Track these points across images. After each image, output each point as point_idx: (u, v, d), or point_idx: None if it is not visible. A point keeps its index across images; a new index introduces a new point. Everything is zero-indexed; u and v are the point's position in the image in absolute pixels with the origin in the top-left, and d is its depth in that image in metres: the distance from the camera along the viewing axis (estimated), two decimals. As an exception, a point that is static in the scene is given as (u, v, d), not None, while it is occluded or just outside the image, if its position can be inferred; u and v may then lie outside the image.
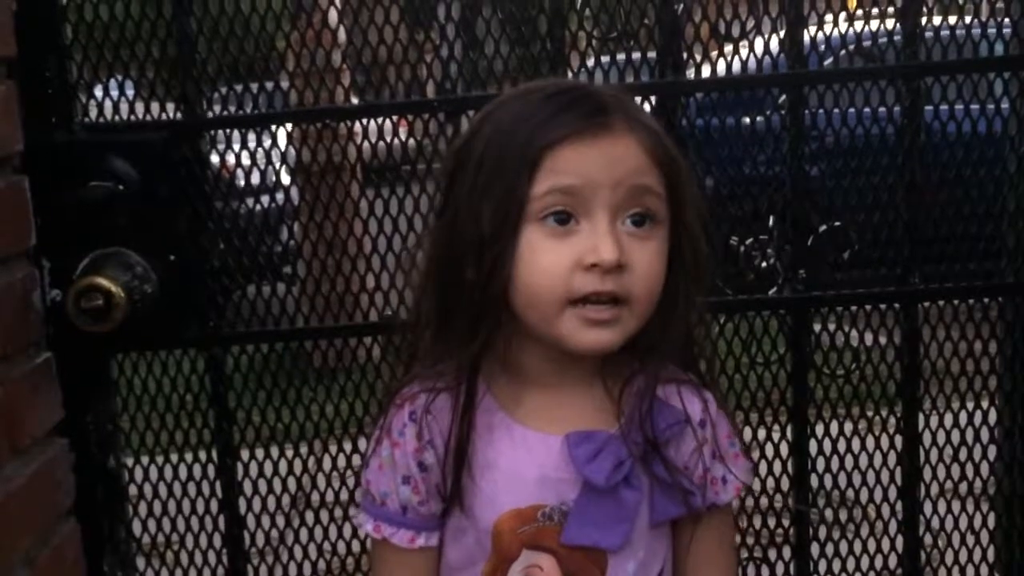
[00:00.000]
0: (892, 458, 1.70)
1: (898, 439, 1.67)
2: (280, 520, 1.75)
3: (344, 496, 1.74)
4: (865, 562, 1.75)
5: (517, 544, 1.09)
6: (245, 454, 1.69)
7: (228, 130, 1.56)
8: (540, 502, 1.08)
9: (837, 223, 1.61)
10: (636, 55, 1.55)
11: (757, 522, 1.73)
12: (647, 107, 1.53)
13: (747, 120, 1.59)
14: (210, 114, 1.55)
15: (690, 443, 1.12)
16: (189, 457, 1.71)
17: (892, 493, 1.71)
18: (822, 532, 1.75)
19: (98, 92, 1.50)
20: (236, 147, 1.59)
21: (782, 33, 1.54)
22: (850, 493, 1.77)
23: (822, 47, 1.55)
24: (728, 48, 1.55)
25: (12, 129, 1.30)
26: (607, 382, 1.10)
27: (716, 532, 1.16)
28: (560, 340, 1.05)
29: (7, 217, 1.27)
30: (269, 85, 1.58)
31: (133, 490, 1.69)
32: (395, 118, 1.60)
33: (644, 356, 1.09)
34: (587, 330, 1.03)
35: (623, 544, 1.08)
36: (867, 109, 1.57)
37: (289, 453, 1.75)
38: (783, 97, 1.56)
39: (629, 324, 1.05)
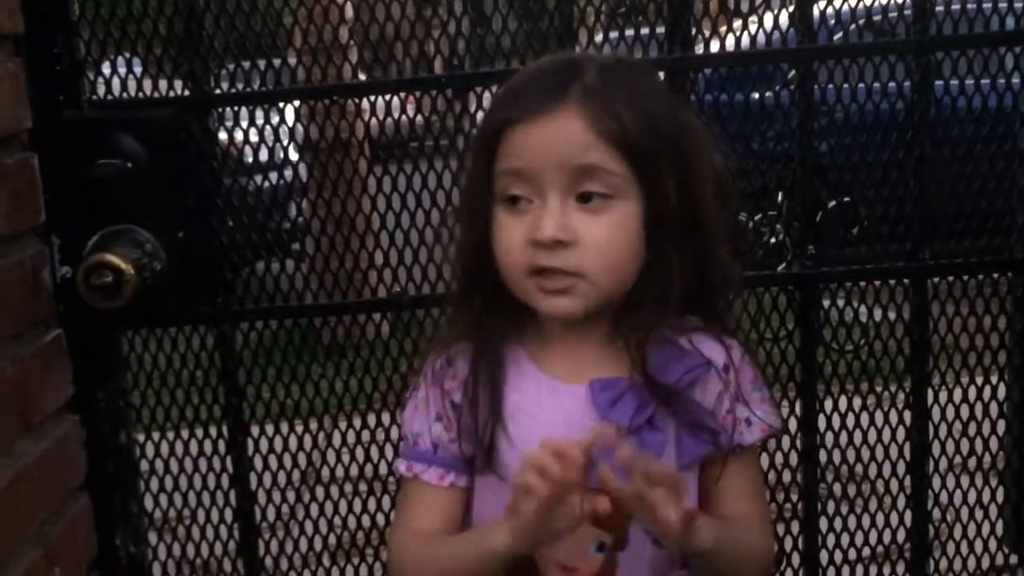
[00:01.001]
0: (901, 433, 1.70)
1: (907, 414, 1.67)
2: (290, 495, 1.76)
3: (354, 471, 1.75)
4: (873, 537, 1.75)
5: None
6: (255, 430, 1.70)
7: (236, 107, 1.56)
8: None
9: (846, 199, 1.61)
10: (645, 30, 1.55)
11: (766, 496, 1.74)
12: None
13: (756, 95, 1.58)
14: (218, 91, 1.55)
15: (715, 386, 1.16)
16: (200, 433, 1.72)
17: (901, 468, 1.71)
18: (831, 507, 1.76)
19: (106, 69, 1.50)
20: (244, 124, 1.59)
21: (791, 8, 1.53)
22: (859, 468, 1.77)
23: (832, 22, 1.54)
24: (737, 23, 1.54)
25: (20, 106, 1.30)
26: (625, 335, 1.14)
27: (744, 472, 1.18)
28: (533, 306, 1.13)
29: (16, 194, 1.28)
30: (277, 61, 1.58)
31: (144, 466, 1.71)
32: (403, 95, 1.59)
33: (647, 311, 1.12)
34: (546, 298, 1.11)
35: (695, 458, 1.14)
36: (877, 84, 1.56)
37: (299, 429, 1.76)
38: (792, 72, 1.55)
39: (589, 294, 1.10)
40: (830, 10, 1.54)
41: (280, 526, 1.77)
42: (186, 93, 1.50)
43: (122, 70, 1.51)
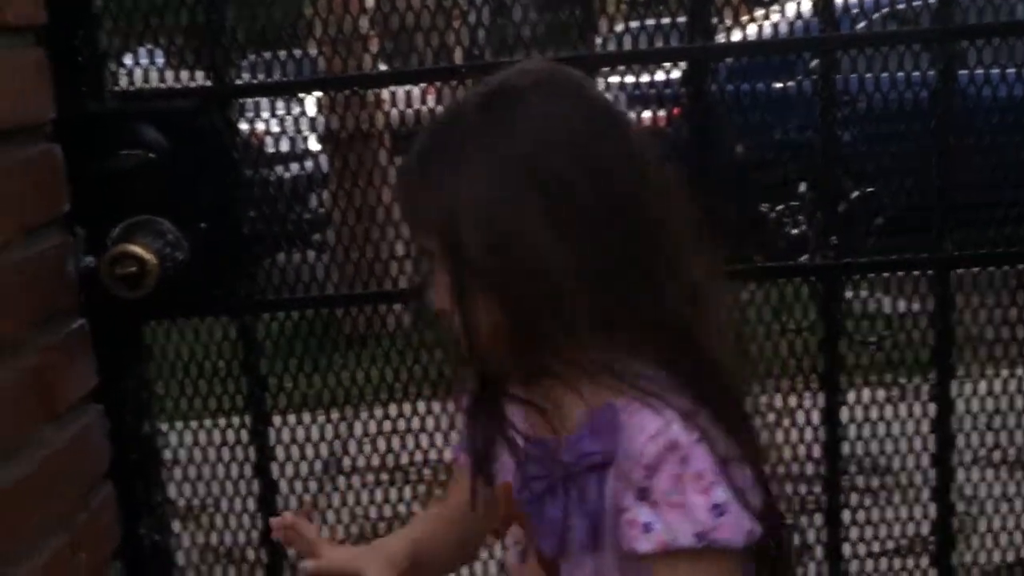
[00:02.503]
0: (925, 425, 1.69)
1: (931, 406, 1.66)
2: (312, 485, 1.77)
3: (375, 461, 1.76)
4: (897, 529, 1.75)
5: (507, 512, 1.11)
6: (277, 419, 1.71)
7: (257, 98, 1.56)
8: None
9: (869, 189, 1.60)
10: (666, 20, 1.54)
11: (788, 488, 1.73)
12: (676, 73, 1.51)
13: (778, 85, 1.57)
14: (239, 82, 1.56)
15: (627, 472, 0.97)
16: (222, 422, 1.73)
17: (924, 460, 1.70)
18: (854, 499, 1.75)
19: (128, 60, 1.50)
20: (265, 115, 1.59)
21: (814, -4, 1.52)
22: (882, 460, 1.76)
23: (855, 10, 1.53)
24: (759, 12, 1.53)
25: (44, 98, 1.31)
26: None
27: None
28: None
29: (40, 185, 1.29)
30: (298, 52, 1.58)
31: (168, 455, 1.72)
32: (423, 85, 1.59)
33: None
34: None
35: (555, 555, 1.04)
36: (900, 73, 1.55)
37: (320, 418, 1.77)
38: (815, 62, 1.54)
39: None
40: (853, -1, 1.53)
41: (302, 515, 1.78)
42: (208, 84, 1.50)
43: (144, 61, 1.52)
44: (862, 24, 1.56)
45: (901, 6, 1.56)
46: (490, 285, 0.96)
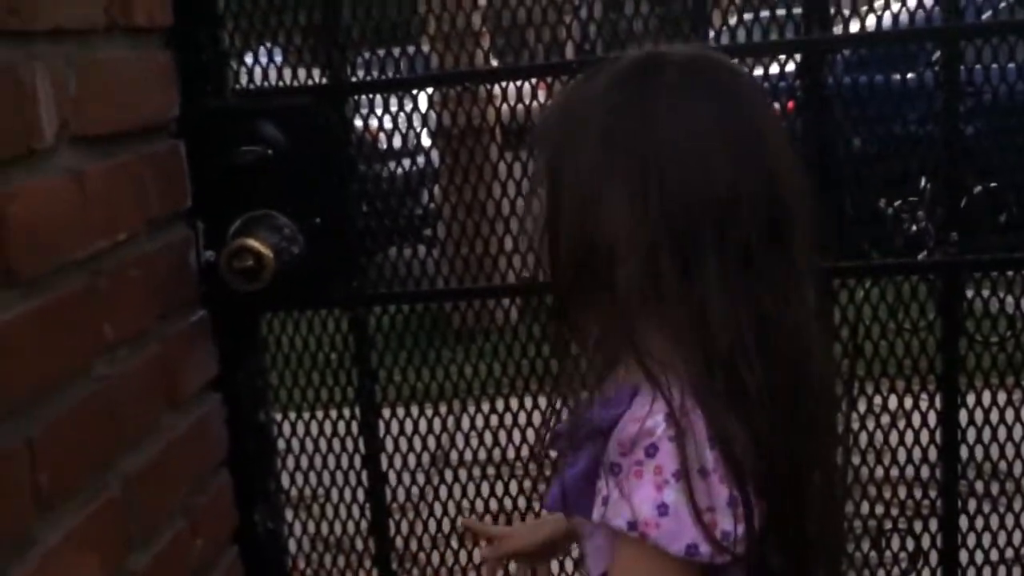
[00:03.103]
0: (1049, 430, 1.63)
1: (1055, 410, 1.60)
2: (420, 477, 1.79)
3: (482, 455, 1.77)
4: (1017, 537, 1.68)
5: None
6: (387, 412, 1.74)
7: (371, 94, 1.58)
8: None
9: (993, 184, 1.54)
10: (781, 11, 1.51)
11: (902, 492, 1.69)
12: (791, 66, 1.48)
13: (897, 77, 1.53)
14: (354, 79, 1.58)
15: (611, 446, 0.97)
16: (333, 414, 1.76)
17: (1048, 466, 1.64)
18: (971, 505, 1.70)
19: (248, 59, 1.54)
20: (379, 111, 1.61)
21: (937, -15, 1.48)
22: (1002, 465, 1.70)
23: (980, -1, 1.48)
24: (878, 2, 1.49)
25: (169, 96, 1.35)
26: None
27: (617, 564, 0.98)
28: None
29: (165, 180, 1.33)
30: (411, 49, 1.60)
31: (281, 444, 1.76)
32: (534, 80, 1.60)
33: None
34: None
35: (553, 507, 1.06)
36: (1028, 64, 1.49)
37: (429, 412, 1.79)
38: (937, 53, 1.49)
39: None
40: (978, -13, 1.48)
41: (410, 507, 1.81)
42: (324, 81, 1.53)
43: (264, 59, 1.55)
44: (987, 14, 1.50)
45: (1029, -6, 1.50)
46: (568, 224, 0.98)
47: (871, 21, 1.50)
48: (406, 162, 1.72)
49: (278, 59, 1.56)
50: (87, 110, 1.13)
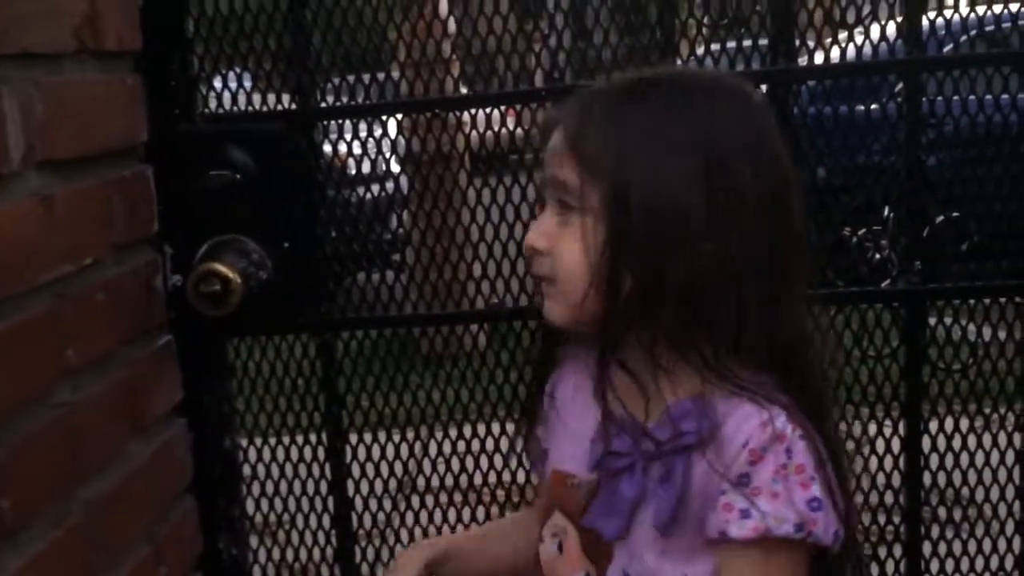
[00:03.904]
0: (1010, 456, 1.64)
1: (1016, 437, 1.62)
2: (387, 503, 1.78)
3: (449, 481, 1.77)
4: (980, 563, 1.70)
5: (551, 502, 1.13)
6: (354, 438, 1.73)
7: (341, 120, 1.59)
8: (575, 472, 1.10)
9: (955, 214, 1.57)
10: (748, 42, 1.53)
11: (867, 519, 1.70)
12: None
13: (861, 108, 1.55)
14: (323, 104, 1.58)
15: (723, 457, 1.00)
16: (300, 439, 1.75)
17: (1010, 492, 1.66)
18: (935, 531, 1.71)
19: (218, 83, 1.54)
20: (348, 136, 1.61)
21: (900, 18, 1.50)
22: (965, 491, 1.72)
23: (941, 32, 1.50)
24: (843, 34, 1.52)
25: (138, 120, 1.35)
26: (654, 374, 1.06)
27: (734, 569, 1.01)
28: None
29: (132, 204, 1.32)
30: (381, 75, 1.61)
31: (247, 470, 1.75)
32: (504, 108, 1.61)
33: (601, 332, 1.05)
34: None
35: (617, 536, 1.06)
36: (988, 96, 1.52)
37: (396, 438, 1.78)
38: (900, 84, 1.52)
39: (557, 302, 1.07)
40: (940, 20, 1.51)
41: (376, 534, 1.80)
42: (293, 107, 1.53)
43: (233, 84, 1.55)
44: (949, 47, 1.53)
45: (989, 28, 1.53)
46: (635, 247, 1.00)
47: (836, 53, 1.52)
48: (375, 188, 1.73)
49: (247, 84, 1.56)
50: (54, 134, 1.13)
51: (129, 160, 1.33)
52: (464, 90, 1.68)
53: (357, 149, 1.60)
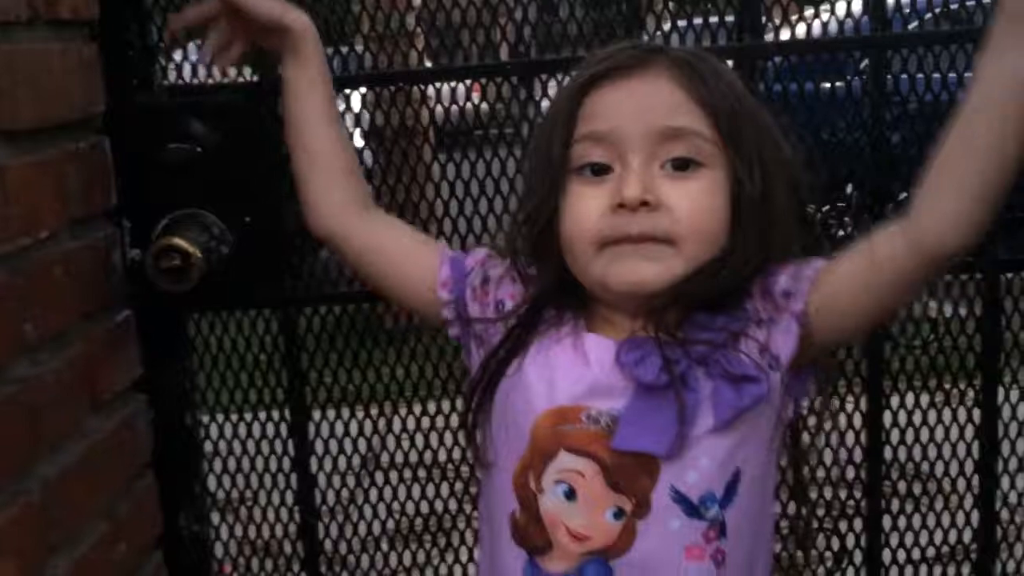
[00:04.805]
0: (969, 432, 1.67)
1: (976, 412, 1.64)
2: (351, 480, 1.78)
3: (413, 458, 1.76)
4: (939, 536, 1.72)
5: (555, 442, 1.05)
6: (317, 414, 1.72)
7: (303, 93, 1.56)
8: (586, 403, 1.04)
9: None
10: (713, 18, 1.53)
11: (828, 493, 1.71)
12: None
13: (827, 85, 1.55)
14: (286, 77, 1.56)
15: (769, 300, 1.05)
16: (263, 416, 1.74)
17: (969, 467, 1.68)
18: (895, 505, 1.73)
19: (177, 56, 1.51)
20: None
21: (865, -5, 1.50)
22: (924, 466, 1.74)
23: (907, 10, 1.50)
24: (808, 11, 1.52)
25: (94, 91, 1.32)
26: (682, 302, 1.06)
27: (838, 263, 1.09)
28: (597, 285, 1.06)
29: (89, 178, 1.30)
30: (344, 48, 1.59)
31: (208, 447, 1.73)
32: (468, 82, 1.59)
33: (706, 282, 1.04)
34: (623, 266, 1.04)
35: (673, 450, 1.01)
36: (952, 74, 1.52)
37: (360, 414, 1.78)
38: (865, 61, 1.52)
39: (675, 265, 1.03)
40: (905, -2, 1.51)
41: (340, 510, 1.79)
42: (254, 79, 1.51)
43: (194, 57, 1.52)
44: (914, 24, 1.53)
45: (954, 6, 1.53)
46: (755, 204, 1.05)
47: (801, 29, 1.52)
48: (338, 162, 1.70)
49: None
50: (7, 104, 1.10)
51: (86, 132, 1.30)
52: (429, 64, 1.66)
53: (320, 122, 1.58)
